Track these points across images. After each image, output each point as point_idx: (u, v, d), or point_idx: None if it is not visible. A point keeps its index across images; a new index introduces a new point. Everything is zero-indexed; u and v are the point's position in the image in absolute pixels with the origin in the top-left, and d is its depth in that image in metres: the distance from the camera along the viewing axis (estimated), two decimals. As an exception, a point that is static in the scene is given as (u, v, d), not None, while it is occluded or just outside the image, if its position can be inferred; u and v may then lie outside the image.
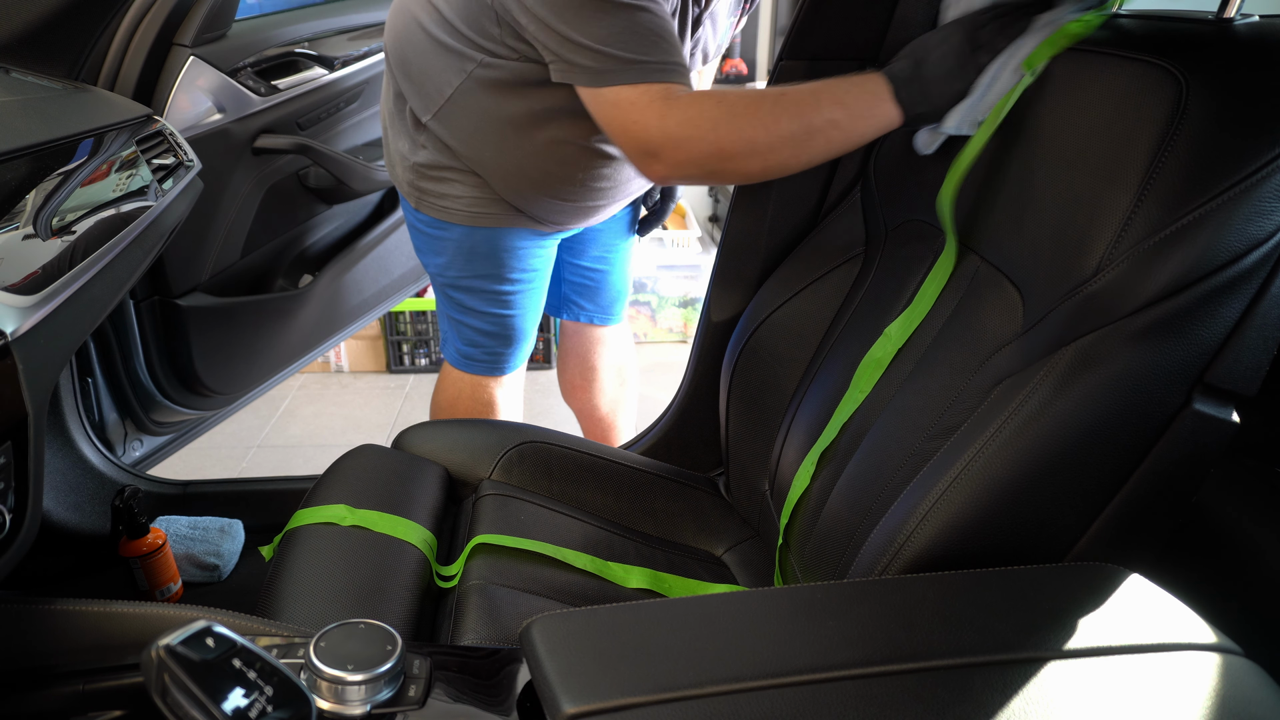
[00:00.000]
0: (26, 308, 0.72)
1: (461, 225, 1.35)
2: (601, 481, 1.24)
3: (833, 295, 1.11)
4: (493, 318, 1.46)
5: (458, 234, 1.36)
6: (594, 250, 1.63)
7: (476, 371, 1.54)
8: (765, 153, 0.95)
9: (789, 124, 0.94)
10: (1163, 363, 0.69)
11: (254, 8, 1.65)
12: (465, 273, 1.41)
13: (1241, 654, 0.61)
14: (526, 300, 1.47)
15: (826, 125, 0.93)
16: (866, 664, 0.58)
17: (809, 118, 0.93)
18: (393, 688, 0.60)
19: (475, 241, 1.37)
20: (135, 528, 1.28)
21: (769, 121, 0.94)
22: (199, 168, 1.17)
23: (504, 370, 1.54)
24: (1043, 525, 0.74)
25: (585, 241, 1.60)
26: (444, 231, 1.37)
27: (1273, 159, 0.66)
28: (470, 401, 1.57)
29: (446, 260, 1.41)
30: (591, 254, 1.64)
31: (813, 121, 0.93)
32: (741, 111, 0.95)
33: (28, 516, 0.71)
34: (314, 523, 1.03)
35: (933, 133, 0.95)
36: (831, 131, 0.94)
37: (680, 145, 0.98)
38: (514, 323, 1.48)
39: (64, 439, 1.32)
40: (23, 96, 1.01)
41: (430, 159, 1.30)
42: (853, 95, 0.93)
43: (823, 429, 1.01)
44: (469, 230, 1.35)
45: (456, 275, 1.41)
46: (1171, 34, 0.78)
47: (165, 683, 0.48)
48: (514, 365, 1.55)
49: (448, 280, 1.44)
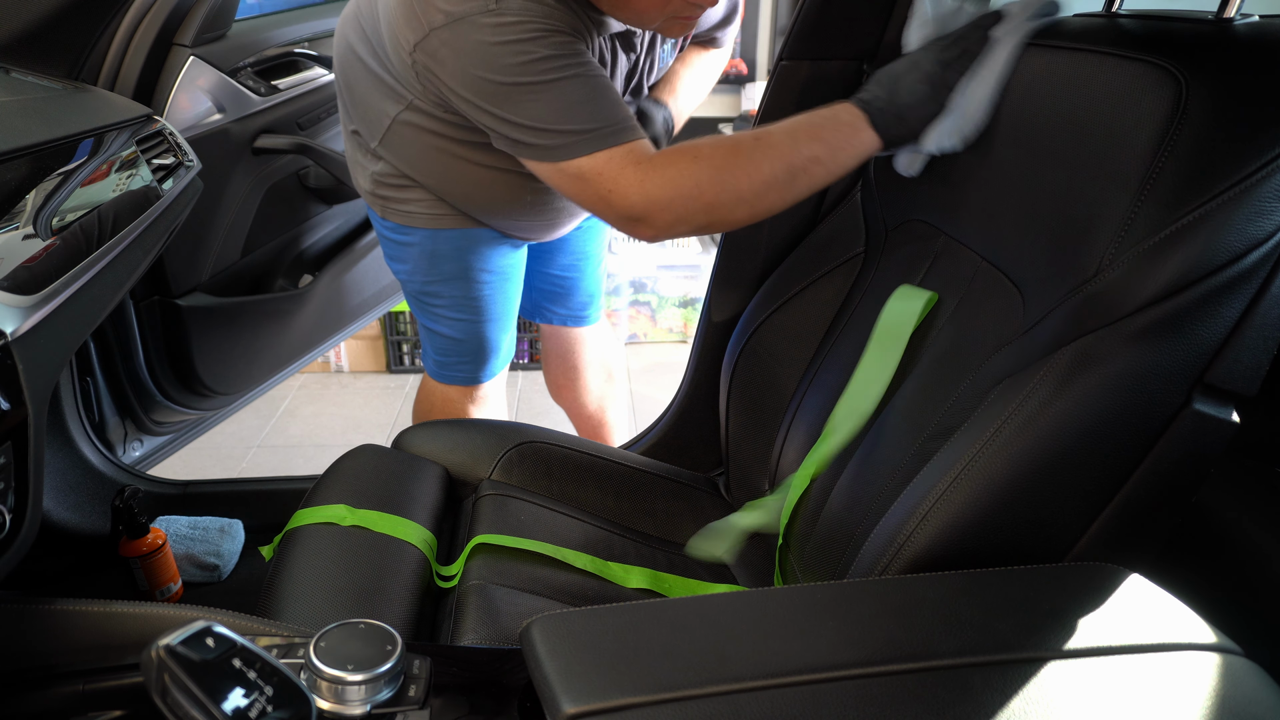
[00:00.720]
0: (26, 308, 0.71)
1: (424, 229, 1.34)
2: (601, 481, 1.24)
3: (833, 295, 1.11)
4: (462, 324, 1.44)
5: (420, 237, 1.35)
6: (563, 258, 1.61)
7: (452, 382, 1.52)
8: (752, 200, 0.95)
9: (771, 168, 0.94)
10: (1163, 362, 0.69)
11: (254, 8, 1.65)
12: (431, 277, 1.39)
13: (1241, 654, 0.61)
14: (495, 305, 1.44)
15: (808, 163, 0.93)
16: (866, 664, 0.58)
17: (790, 159, 0.93)
18: (393, 688, 0.60)
19: (438, 244, 1.35)
20: (135, 528, 1.28)
21: (751, 169, 0.94)
22: (199, 168, 1.17)
23: (479, 380, 1.53)
24: (1043, 525, 0.74)
25: (554, 250, 1.58)
26: (408, 236, 1.36)
27: (1272, 159, 0.66)
28: (442, 415, 1.55)
29: (412, 266, 1.40)
30: (561, 262, 1.62)
31: (794, 161, 0.93)
32: (722, 163, 0.95)
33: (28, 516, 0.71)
34: (314, 523, 1.03)
35: (913, 154, 0.96)
36: (814, 168, 0.94)
37: (667, 207, 0.97)
38: (484, 330, 1.45)
39: (64, 439, 1.32)
40: (23, 96, 1.01)
41: (387, 169, 1.29)
42: (829, 129, 0.94)
43: (823, 429, 1.01)
44: (432, 233, 1.34)
45: (424, 280, 1.40)
46: (1171, 34, 0.78)
47: (165, 683, 0.48)
48: (489, 375, 1.54)
49: (416, 287, 1.42)
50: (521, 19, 0.99)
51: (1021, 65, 0.88)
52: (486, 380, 1.54)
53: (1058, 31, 0.87)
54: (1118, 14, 0.90)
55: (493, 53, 0.99)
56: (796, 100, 1.17)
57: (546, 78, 0.98)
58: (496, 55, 0.99)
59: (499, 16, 0.98)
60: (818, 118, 0.95)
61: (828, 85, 1.16)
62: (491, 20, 0.98)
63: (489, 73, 1.00)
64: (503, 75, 0.99)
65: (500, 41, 0.99)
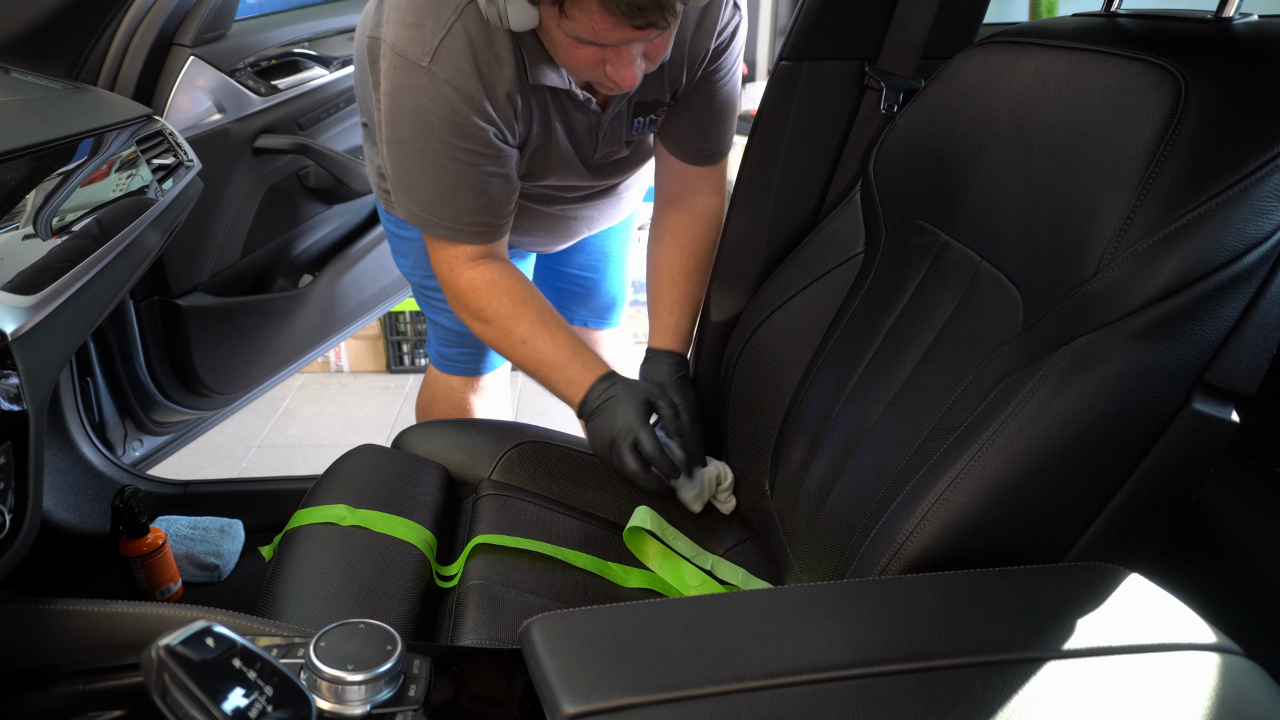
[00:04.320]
0: (26, 308, 0.72)
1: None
2: (601, 481, 1.24)
3: (833, 295, 1.11)
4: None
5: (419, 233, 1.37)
6: (581, 258, 1.62)
7: (453, 372, 1.56)
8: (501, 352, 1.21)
9: (511, 355, 1.19)
10: (1162, 362, 0.69)
11: (254, 8, 1.65)
12: (430, 272, 1.40)
13: (1241, 654, 0.61)
14: None
15: (535, 374, 1.18)
16: (866, 664, 0.58)
17: (525, 365, 1.18)
18: (393, 688, 0.60)
19: None
20: (135, 528, 1.28)
21: (503, 346, 1.18)
22: (199, 168, 1.17)
23: (480, 371, 1.56)
24: (1043, 525, 0.74)
25: (572, 249, 1.59)
26: (407, 231, 1.40)
27: (1272, 158, 0.66)
28: (444, 404, 1.59)
29: (413, 261, 1.45)
30: (579, 261, 1.63)
31: (526, 367, 1.18)
32: (491, 320, 1.16)
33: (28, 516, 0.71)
34: (314, 523, 1.03)
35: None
36: (536, 377, 1.19)
37: (461, 310, 1.20)
38: None
39: (64, 439, 1.32)
40: (23, 96, 1.01)
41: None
42: (558, 384, 1.17)
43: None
44: None
45: (424, 275, 1.44)
46: (1170, 33, 0.78)
47: (165, 683, 0.48)
48: (490, 368, 1.57)
49: (417, 281, 1.48)
50: (445, 92, 1.01)
51: (1021, 65, 0.88)
52: (487, 372, 1.57)
53: (1057, 31, 0.87)
54: (1117, 13, 0.90)
55: (405, 102, 1.03)
56: (797, 100, 1.17)
57: (433, 158, 1.06)
58: (407, 108, 1.04)
59: (429, 76, 1.01)
60: (563, 370, 1.15)
61: (828, 85, 1.16)
62: (422, 78, 1.01)
63: (395, 115, 1.05)
64: (401, 130, 1.06)
65: (415, 101, 1.03)
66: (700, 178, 1.29)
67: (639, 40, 0.93)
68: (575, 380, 1.14)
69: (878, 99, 1.14)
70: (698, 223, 1.30)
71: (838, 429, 0.99)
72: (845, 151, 1.19)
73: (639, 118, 1.20)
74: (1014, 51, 0.91)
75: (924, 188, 0.99)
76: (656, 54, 1.00)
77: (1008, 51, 0.92)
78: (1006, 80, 0.89)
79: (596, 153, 1.21)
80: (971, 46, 0.98)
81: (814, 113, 1.17)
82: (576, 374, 1.14)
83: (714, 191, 1.31)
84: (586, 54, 0.95)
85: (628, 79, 0.97)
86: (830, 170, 1.20)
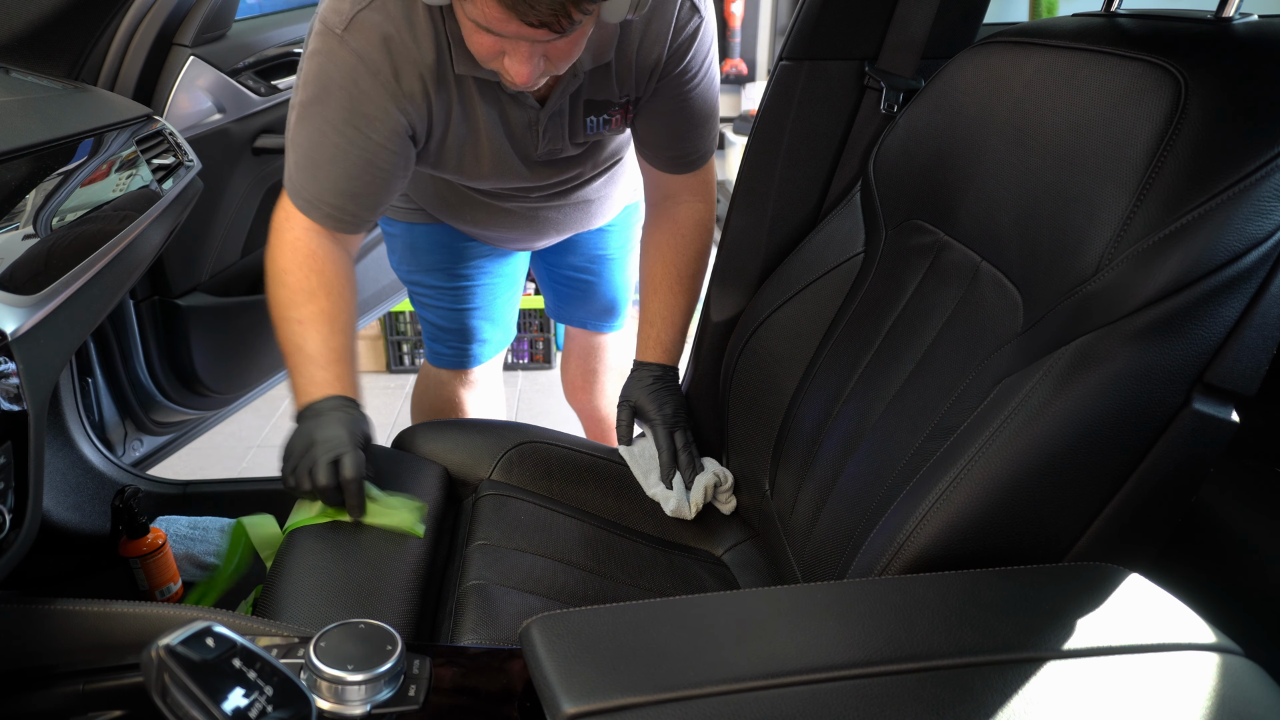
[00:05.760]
0: (26, 308, 0.72)
1: (402, 222, 1.43)
2: (601, 481, 1.24)
3: (833, 295, 1.11)
4: (446, 312, 1.52)
5: (400, 230, 1.45)
6: (573, 258, 1.61)
7: (443, 365, 1.58)
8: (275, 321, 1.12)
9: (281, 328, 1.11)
10: (1162, 362, 0.69)
11: (254, 8, 1.65)
12: (412, 267, 1.49)
13: (1241, 654, 0.61)
14: (477, 299, 1.51)
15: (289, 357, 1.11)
16: (866, 664, 0.58)
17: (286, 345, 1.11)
18: (393, 688, 0.60)
19: (415, 237, 1.45)
20: (135, 528, 1.28)
21: (279, 314, 1.11)
22: (199, 168, 1.17)
23: (467, 365, 1.57)
24: (1043, 525, 0.74)
25: (562, 248, 1.58)
26: (391, 228, 1.46)
27: (1272, 158, 0.66)
28: (435, 398, 1.61)
29: (398, 256, 1.50)
30: (571, 261, 1.61)
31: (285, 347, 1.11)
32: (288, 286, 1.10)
33: (28, 516, 0.71)
34: (314, 523, 1.03)
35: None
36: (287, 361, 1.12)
37: (270, 260, 1.12)
38: (467, 320, 1.52)
39: (64, 439, 1.32)
40: (23, 96, 1.01)
41: None
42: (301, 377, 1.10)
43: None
44: (409, 226, 1.44)
45: (408, 270, 1.49)
46: (1170, 33, 0.78)
47: (165, 683, 0.48)
48: (476, 362, 1.57)
49: (404, 275, 1.52)
50: (351, 61, 1.00)
51: (1021, 65, 0.88)
52: (474, 366, 1.59)
53: (1057, 31, 0.87)
54: (1117, 13, 0.90)
55: (313, 66, 1.03)
56: (797, 100, 1.17)
57: (320, 125, 1.04)
58: (313, 71, 1.03)
59: (340, 42, 1.00)
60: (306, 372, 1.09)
61: (828, 85, 1.16)
62: (333, 43, 1.01)
63: (302, 79, 1.05)
64: (303, 92, 1.05)
65: (321, 65, 1.02)
66: (681, 185, 1.27)
67: (535, 39, 0.90)
68: (321, 383, 1.08)
69: (878, 99, 1.14)
70: (680, 232, 1.29)
71: (838, 429, 0.99)
72: (845, 151, 1.20)
73: (592, 117, 1.17)
74: (1014, 51, 0.91)
75: (924, 188, 0.99)
76: (559, 58, 0.96)
77: (1008, 51, 0.92)
78: (1006, 80, 0.89)
79: (538, 149, 1.18)
80: (971, 46, 0.98)
81: (814, 113, 1.18)
82: (325, 379, 1.08)
83: (696, 198, 1.29)
84: (486, 41, 0.93)
85: (522, 75, 0.94)
86: (830, 170, 1.20)
